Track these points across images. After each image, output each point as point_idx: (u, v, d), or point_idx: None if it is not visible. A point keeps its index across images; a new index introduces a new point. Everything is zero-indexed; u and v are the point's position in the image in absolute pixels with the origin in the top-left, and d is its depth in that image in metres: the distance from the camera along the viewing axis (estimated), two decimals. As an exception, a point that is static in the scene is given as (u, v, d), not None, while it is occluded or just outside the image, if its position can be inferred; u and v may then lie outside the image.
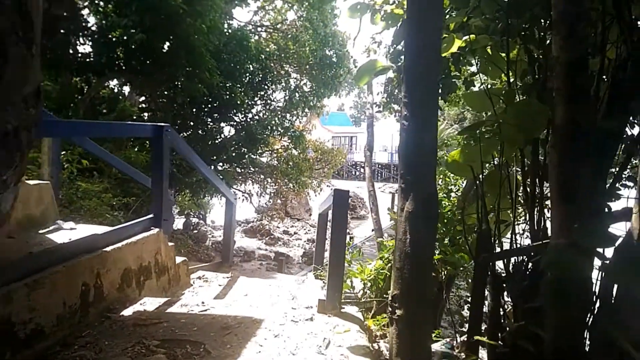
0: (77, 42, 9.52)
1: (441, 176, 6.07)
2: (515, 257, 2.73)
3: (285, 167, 14.94)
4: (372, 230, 17.49)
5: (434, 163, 2.24)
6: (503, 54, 3.11)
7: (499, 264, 2.89)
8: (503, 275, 2.73)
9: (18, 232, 3.62)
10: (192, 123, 13.20)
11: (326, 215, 5.09)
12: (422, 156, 2.19)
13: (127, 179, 6.68)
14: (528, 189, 2.92)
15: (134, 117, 8.33)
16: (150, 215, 3.99)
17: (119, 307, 3.28)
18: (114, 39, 9.22)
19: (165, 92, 10.19)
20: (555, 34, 2.13)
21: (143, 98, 12.38)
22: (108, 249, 3.30)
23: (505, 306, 2.68)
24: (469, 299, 4.37)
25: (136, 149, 8.44)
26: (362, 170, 49.34)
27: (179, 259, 4.45)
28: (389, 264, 5.42)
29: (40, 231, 3.74)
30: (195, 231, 13.36)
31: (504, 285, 2.69)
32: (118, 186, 7.03)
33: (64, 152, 5.29)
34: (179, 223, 14.35)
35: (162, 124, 4.00)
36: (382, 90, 9.96)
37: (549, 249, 2.25)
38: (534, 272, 2.58)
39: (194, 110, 12.64)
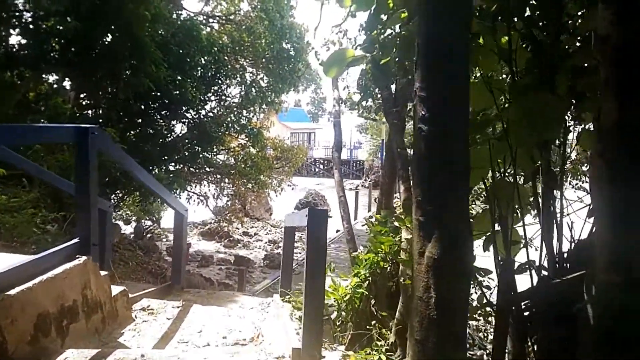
0: (7, 32, 8.43)
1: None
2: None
3: (243, 166, 14.11)
4: (337, 231, 16.84)
5: (467, 187, 1.57)
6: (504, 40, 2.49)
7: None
8: (529, 321, 2.11)
9: None
10: (139, 121, 12.18)
11: (293, 231, 4.41)
12: (449, 176, 1.52)
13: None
14: (540, 204, 2.33)
15: (68, 115, 7.33)
16: (75, 240, 3.19)
17: (31, 368, 2.49)
18: (47, 29, 8.19)
19: (108, 88, 9.17)
20: (604, 7, 1.51)
21: (84, 95, 11.25)
22: (13, 291, 2.49)
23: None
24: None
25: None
26: (321, 166, 48.82)
27: (116, 289, 3.65)
28: (367, 282, 4.79)
29: None
30: (147, 238, 12.33)
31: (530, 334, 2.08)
32: (50, 196, 6.08)
33: (-29, 161, 4.37)
34: (129, 229, 13.30)
35: (87, 125, 3.20)
36: (346, 86, 9.38)
37: (598, 287, 1.65)
38: (568, 316, 1.98)
39: (142, 107, 11.62)
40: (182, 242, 4.88)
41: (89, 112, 11.83)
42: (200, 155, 13.26)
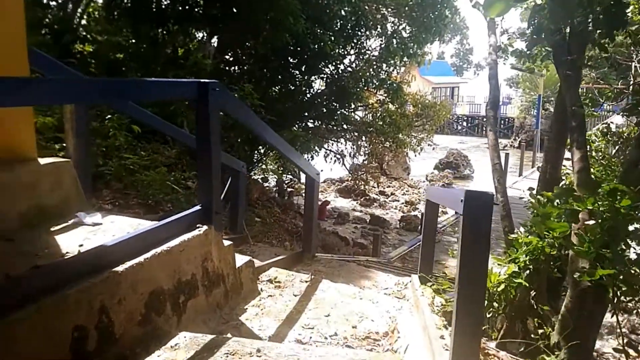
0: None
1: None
2: None
3: (381, 124, 13.46)
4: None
5: None
6: None
7: None
8: None
9: (21, 231, 2.68)
10: (279, 77, 12.13)
11: (437, 207, 3.73)
12: None
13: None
14: None
15: (208, 71, 7.32)
16: (196, 208, 2.88)
17: (141, 351, 2.24)
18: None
19: (248, 43, 9.08)
20: None
21: (228, 52, 11.43)
22: (121, 267, 2.24)
23: None
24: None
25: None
26: (464, 124, 45.97)
27: (241, 259, 3.36)
28: (527, 270, 3.96)
29: (53, 228, 2.78)
30: (287, 193, 12.44)
31: None
32: (189, 154, 6.11)
33: (109, 117, 4.40)
34: (272, 182, 13.57)
35: (208, 80, 2.81)
36: (505, 30, 8.01)
37: None
38: None
39: (281, 62, 11.51)
40: (313, 208, 4.47)
41: (232, 68, 12.10)
42: (338, 112, 12.90)
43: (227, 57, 11.57)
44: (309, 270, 4.26)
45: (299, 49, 11.14)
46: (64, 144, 3.52)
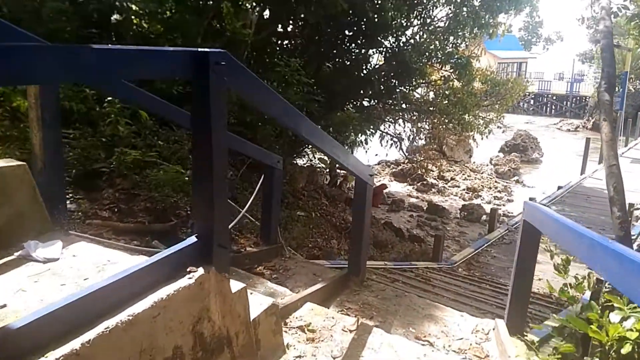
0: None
1: None
2: None
3: (446, 102, 12.11)
4: (559, 187, 13.64)
5: None
6: None
7: None
8: None
9: None
10: (334, 52, 11.04)
11: (538, 234, 2.66)
12: None
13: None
14: None
15: (248, 42, 6.36)
16: (190, 241, 1.96)
17: None
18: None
19: (300, 14, 8.04)
20: None
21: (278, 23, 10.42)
22: (59, 351, 1.34)
23: None
24: None
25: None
26: (531, 102, 42.88)
27: (260, 304, 2.42)
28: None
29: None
30: (337, 182, 11.42)
31: None
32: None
33: (108, 100, 3.54)
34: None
35: (208, 49, 1.83)
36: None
37: None
38: None
39: (336, 35, 10.40)
40: (364, 221, 3.45)
41: (283, 42, 11.11)
42: (397, 90, 11.68)
43: (278, 29, 10.59)
44: (356, 304, 3.26)
45: (356, 19, 9.99)
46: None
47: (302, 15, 9.27)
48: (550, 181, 20.06)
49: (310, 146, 12.14)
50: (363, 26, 10.23)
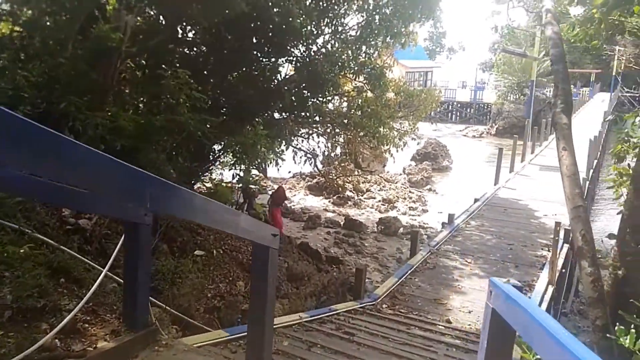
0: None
1: None
2: None
3: (360, 114, 11.50)
4: (475, 200, 13.38)
5: None
6: None
7: None
8: None
9: None
10: (240, 61, 10.01)
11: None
12: None
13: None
14: None
15: (116, 48, 5.17)
16: None
17: None
18: None
19: (186, 11, 6.95)
20: None
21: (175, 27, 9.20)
22: None
23: None
24: None
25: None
26: (438, 109, 44.31)
27: None
28: None
29: None
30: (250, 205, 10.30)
31: None
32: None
33: None
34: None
35: None
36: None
37: None
38: None
39: (240, 41, 9.38)
40: (266, 299, 2.48)
41: (184, 51, 9.94)
42: (310, 102, 10.89)
43: (175, 35, 9.39)
44: None
45: (259, 23, 9.07)
46: None
47: (194, 19, 8.23)
48: (462, 189, 20.39)
49: (218, 162, 11.05)
50: (270, 33, 9.32)
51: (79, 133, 5.14)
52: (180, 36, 9.74)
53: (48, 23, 5.77)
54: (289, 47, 10.08)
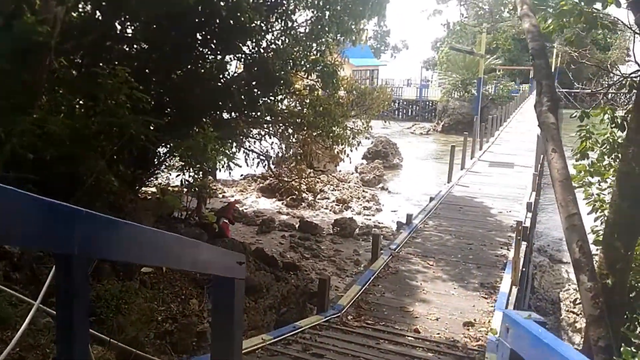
0: None
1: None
2: None
3: (312, 113, 11.13)
4: (431, 199, 13.13)
5: None
6: None
7: None
8: None
9: None
10: (185, 58, 9.41)
11: None
12: None
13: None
14: None
15: (51, 44, 4.53)
16: None
17: None
18: None
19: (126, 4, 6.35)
20: None
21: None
22: None
23: None
24: None
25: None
26: (386, 109, 44.72)
27: None
28: None
29: None
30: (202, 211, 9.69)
31: None
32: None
33: None
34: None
35: None
36: None
37: None
38: None
39: (185, 37, 8.78)
40: (233, 339, 2.05)
41: (125, 47, 9.24)
42: (261, 101, 10.42)
43: (114, 31, 8.66)
44: None
45: (204, 18, 8.53)
46: None
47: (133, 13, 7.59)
48: (414, 187, 20.50)
49: (165, 166, 10.35)
50: (216, 28, 8.80)
51: (0, 141, 4.47)
52: (118, 32, 9.07)
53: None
54: (237, 43, 9.59)
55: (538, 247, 13.00)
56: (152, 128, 7.12)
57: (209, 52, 9.73)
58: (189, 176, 7.92)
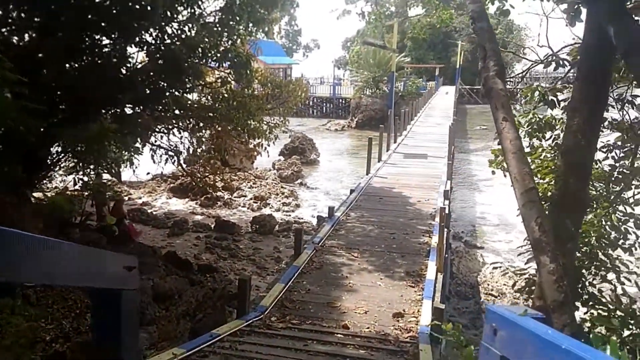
0: None
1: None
2: None
3: (225, 106, 10.53)
4: (351, 191, 12.90)
5: None
6: None
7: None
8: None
9: None
10: (81, 46, 8.47)
11: None
12: None
13: None
14: None
15: None
16: None
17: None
18: None
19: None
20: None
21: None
22: None
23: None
24: None
25: None
26: (300, 104, 44.63)
27: None
28: None
29: None
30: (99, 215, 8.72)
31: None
32: None
33: None
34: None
35: None
36: None
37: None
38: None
39: (81, 23, 7.84)
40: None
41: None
42: (167, 93, 9.66)
43: None
44: None
45: (104, 3, 7.69)
46: None
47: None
48: (332, 180, 20.45)
49: (59, 167, 9.26)
50: (115, 13, 7.97)
51: None
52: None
53: None
54: (138, 29, 8.78)
55: (453, 234, 13.33)
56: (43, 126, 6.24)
57: (107, 41, 8.85)
58: (84, 175, 7.03)
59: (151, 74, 9.53)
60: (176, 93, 10.01)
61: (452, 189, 13.75)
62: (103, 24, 8.36)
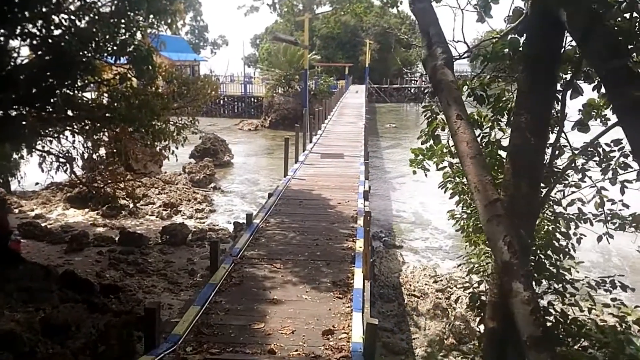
0: None
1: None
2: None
3: (126, 106, 9.50)
4: (270, 195, 12.19)
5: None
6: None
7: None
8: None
9: None
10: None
11: None
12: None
13: None
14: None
15: None
16: None
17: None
18: None
19: None
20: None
21: None
22: None
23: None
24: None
25: None
26: (209, 103, 43.07)
27: None
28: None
29: None
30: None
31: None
32: None
33: None
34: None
35: None
36: None
37: None
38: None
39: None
40: None
41: None
42: (57, 92, 8.50)
43: None
44: None
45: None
46: None
47: None
48: (248, 183, 19.69)
49: None
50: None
51: None
52: None
53: None
54: (21, 21, 7.63)
55: (372, 234, 13.23)
56: None
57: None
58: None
59: (37, 70, 8.36)
60: (67, 91, 8.87)
61: (370, 189, 13.65)
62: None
